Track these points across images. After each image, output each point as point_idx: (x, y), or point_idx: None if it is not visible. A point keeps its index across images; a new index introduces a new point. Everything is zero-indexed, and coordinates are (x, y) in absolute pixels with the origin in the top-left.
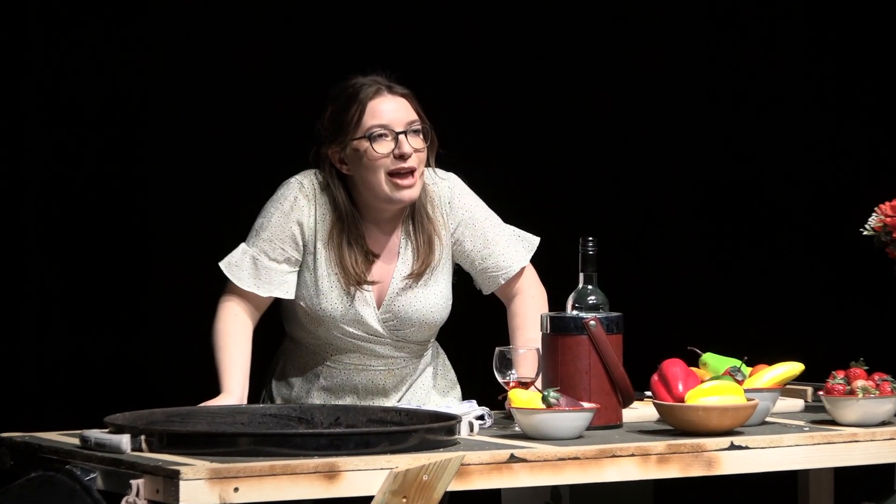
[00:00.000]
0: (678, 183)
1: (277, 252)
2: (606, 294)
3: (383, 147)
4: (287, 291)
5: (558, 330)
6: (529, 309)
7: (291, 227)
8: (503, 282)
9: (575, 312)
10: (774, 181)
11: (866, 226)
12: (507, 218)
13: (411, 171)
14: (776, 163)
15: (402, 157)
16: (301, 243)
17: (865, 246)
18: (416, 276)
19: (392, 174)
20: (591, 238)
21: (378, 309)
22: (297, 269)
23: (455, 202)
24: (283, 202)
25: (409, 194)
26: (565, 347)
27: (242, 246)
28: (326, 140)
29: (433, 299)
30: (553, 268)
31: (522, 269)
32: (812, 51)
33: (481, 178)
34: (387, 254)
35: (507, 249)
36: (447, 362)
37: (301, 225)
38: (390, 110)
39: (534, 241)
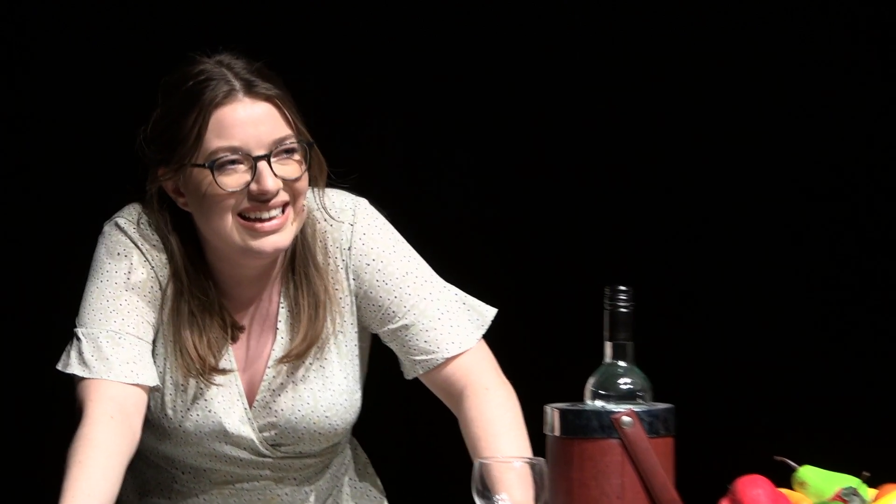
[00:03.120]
0: (754, 207)
1: (139, 325)
2: (648, 374)
3: (234, 179)
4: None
5: (574, 431)
6: (489, 408)
7: (137, 287)
8: (422, 371)
9: (599, 403)
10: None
11: None
12: (469, 264)
13: (280, 208)
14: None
15: (263, 195)
16: (153, 313)
17: None
18: (295, 358)
19: (245, 216)
20: (623, 288)
21: (250, 408)
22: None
23: (357, 245)
24: (113, 255)
25: (273, 242)
26: (585, 458)
27: (80, 332)
28: (152, 158)
29: (324, 394)
30: (559, 335)
31: (462, 354)
32: None
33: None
34: (259, 325)
35: (440, 323)
36: (368, 468)
37: (142, 286)
38: (246, 124)
39: (486, 314)
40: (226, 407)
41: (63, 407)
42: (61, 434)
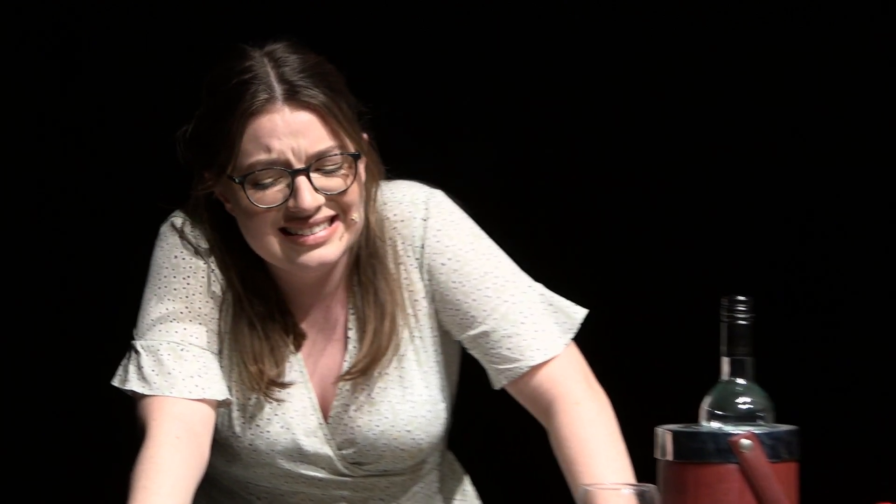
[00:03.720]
0: (875, 197)
1: (203, 334)
2: (770, 393)
3: (270, 195)
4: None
5: (688, 455)
6: (581, 425)
7: (199, 292)
8: (506, 381)
9: (716, 425)
10: None
11: None
12: (567, 261)
13: (326, 222)
14: None
15: (301, 212)
16: (217, 321)
17: None
18: (359, 375)
19: (287, 231)
20: (742, 298)
21: (325, 423)
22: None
23: (431, 243)
24: (171, 259)
25: (318, 257)
26: (700, 484)
27: (138, 344)
28: (195, 160)
29: (403, 406)
30: (671, 349)
31: (548, 362)
32: None
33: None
34: (328, 334)
35: (523, 328)
36: (465, 485)
37: (204, 291)
38: (284, 135)
39: (575, 315)
40: (298, 422)
41: (124, 426)
42: (124, 457)
